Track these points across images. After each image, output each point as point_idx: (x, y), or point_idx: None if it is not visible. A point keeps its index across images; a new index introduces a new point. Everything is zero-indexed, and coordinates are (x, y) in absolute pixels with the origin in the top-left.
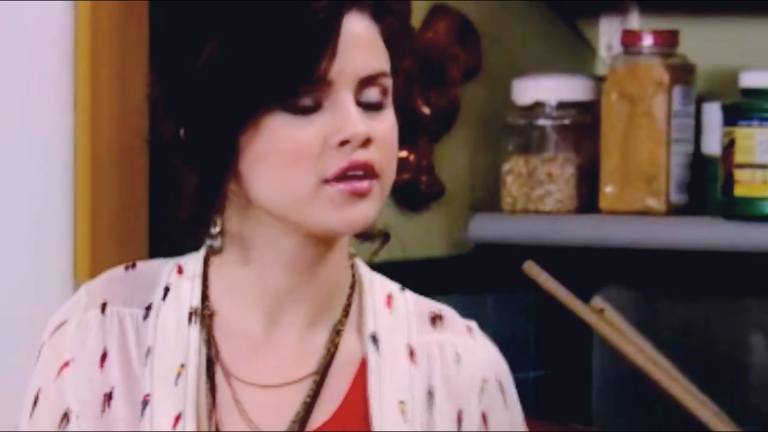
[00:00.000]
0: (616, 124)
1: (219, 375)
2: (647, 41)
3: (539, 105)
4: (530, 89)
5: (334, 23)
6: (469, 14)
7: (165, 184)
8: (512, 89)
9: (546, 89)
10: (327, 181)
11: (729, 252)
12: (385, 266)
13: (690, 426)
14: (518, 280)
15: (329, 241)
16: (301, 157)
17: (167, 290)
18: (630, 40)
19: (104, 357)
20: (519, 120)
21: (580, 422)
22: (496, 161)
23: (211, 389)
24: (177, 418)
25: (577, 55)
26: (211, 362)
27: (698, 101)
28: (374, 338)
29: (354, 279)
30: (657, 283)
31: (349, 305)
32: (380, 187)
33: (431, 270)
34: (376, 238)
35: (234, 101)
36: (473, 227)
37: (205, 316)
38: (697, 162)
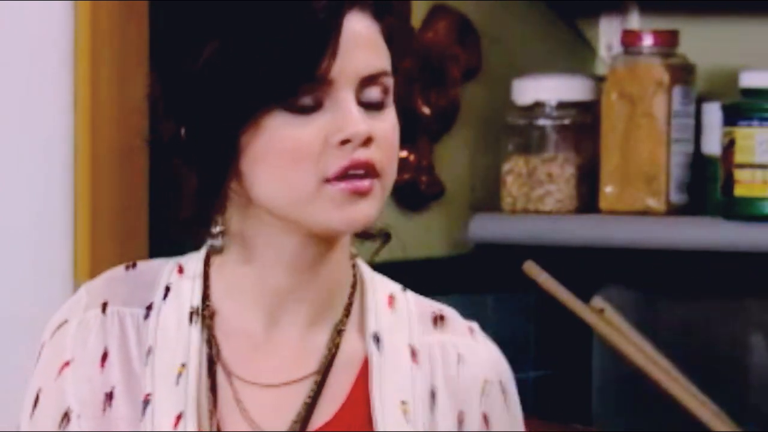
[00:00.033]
0: (616, 124)
1: (220, 374)
2: (647, 41)
3: (539, 105)
4: (530, 89)
5: (335, 22)
6: (469, 14)
7: (165, 184)
8: (512, 89)
9: (546, 89)
10: (328, 181)
11: (729, 252)
12: (386, 266)
13: (690, 426)
14: (518, 280)
15: (330, 241)
16: (302, 157)
17: (168, 290)
18: (630, 40)
19: (105, 357)
20: (519, 120)
21: (580, 422)
22: (496, 161)
23: (212, 389)
24: (178, 418)
25: (577, 55)
26: (212, 362)
27: (698, 101)
28: (376, 338)
29: (355, 279)
30: (657, 283)
31: (351, 305)
32: (381, 187)
33: (431, 270)
34: (377, 238)
35: (235, 101)
36: (473, 227)
37: (206, 316)
38: (697, 162)
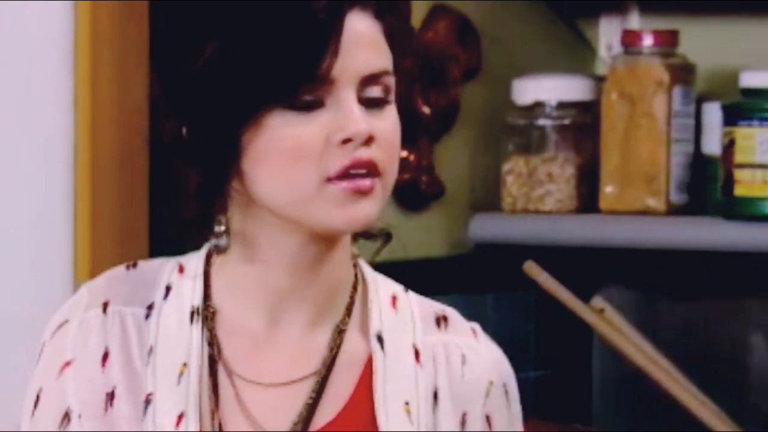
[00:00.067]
0: (616, 124)
1: (221, 374)
2: (647, 41)
3: (539, 105)
4: (530, 89)
5: (337, 22)
6: (469, 14)
7: (165, 184)
8: (512, 89)
9: (546, 89)
10: (330, 180)
11: (729, 252)
12: (386, 266)
13: (690, 426)
14: (518, 280)
15: (331, 240)
16: (303, 155)
17: (168, 289)
18: (630, 40)
19: (106, 356)
20: (519, 120)
21: (580, 422)
22: (496, 161)
23: (214, 388)
24: (179, 417)
25: (577, 55)
26: (214, 361)
27: (698, 101)
28: (380, 338)
29: (356, 278)
30: (657, 283)
31: (352, 304)
32: (382, 186)
33: (431, 270)
34: (378, 238)
35: (236, 100)
36: (473, 227)
37: (207, 316)
38: (697, 162)
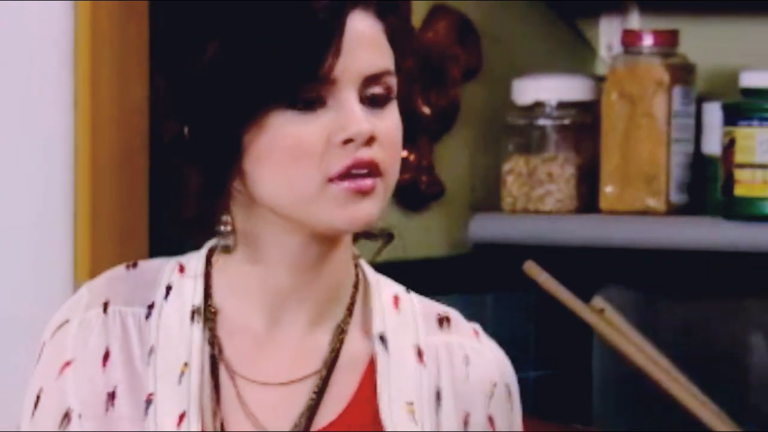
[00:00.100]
0: (616, 124)
1: (223, 373)
2: (647, 41)
3: (539, 105)
4: (530, 89)
5: (338, 21)
6: (469, 14)
7: (165, 184)
8: (512, 89)
9: (546, 89)
10: (331, 180)
11: (729, 252)
12: (386, 266)
13: (690, 426)
14: (518, 280)
15: (333, 240)
16: (304, 155)
17: (169, 289)
18: (630, 40)
19: (106, 356)
20: (519, 120)
21: (580, 422)
22: (496, 161)
23: (215, 387)
24: (181, 417)
25: (577, 55)
26: (215, 360)
27: (698, 101)
28: (382, 338)
29: (357, 278)
30: (657, 283)
31: (353, 305)
32: (384, 186)
33: (431, 270)
34: (379, 238)
35: (237, 100)
36: (473, 227)
37: (208, 315)
38: (697, 162)
